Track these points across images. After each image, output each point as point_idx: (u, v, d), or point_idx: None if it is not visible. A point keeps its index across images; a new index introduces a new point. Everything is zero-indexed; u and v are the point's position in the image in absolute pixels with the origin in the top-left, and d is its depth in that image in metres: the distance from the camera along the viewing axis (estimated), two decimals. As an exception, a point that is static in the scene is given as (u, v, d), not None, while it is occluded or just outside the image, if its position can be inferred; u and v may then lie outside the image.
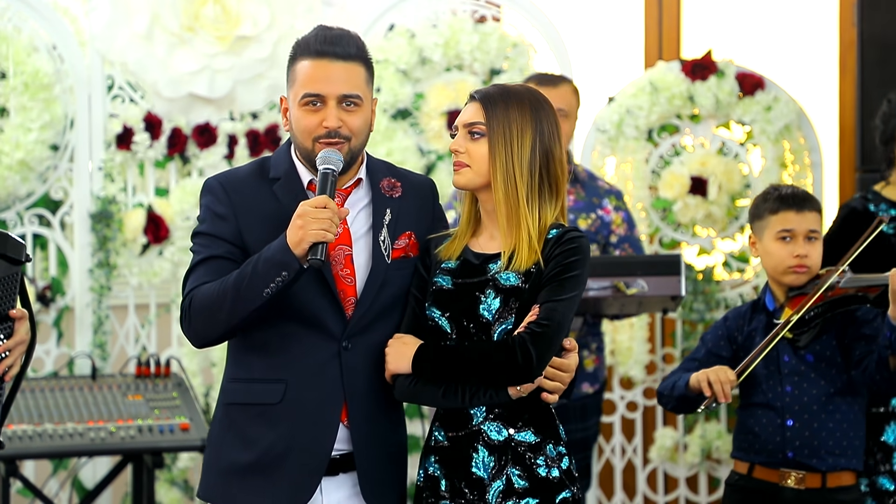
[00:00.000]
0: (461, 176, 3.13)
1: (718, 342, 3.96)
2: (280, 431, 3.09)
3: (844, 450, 3.83)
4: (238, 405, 3.14)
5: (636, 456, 5.84)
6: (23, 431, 4.63)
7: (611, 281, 4.43)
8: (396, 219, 3.19)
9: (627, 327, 5.71)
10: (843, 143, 6.11)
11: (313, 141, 3.10)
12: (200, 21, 5.39)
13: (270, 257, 2.98)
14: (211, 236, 3.11)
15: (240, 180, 3.16)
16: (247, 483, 3.10)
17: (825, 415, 3.83)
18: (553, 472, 3.09)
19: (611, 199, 4.96)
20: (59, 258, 5.53)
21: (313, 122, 3.09)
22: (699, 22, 6.32)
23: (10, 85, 5.31)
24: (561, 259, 3.06)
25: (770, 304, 3.92)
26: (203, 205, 3.17)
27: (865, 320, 3.88)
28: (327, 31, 3.14)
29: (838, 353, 3.86)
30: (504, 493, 3.07)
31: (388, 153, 5.51)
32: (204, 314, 3.05)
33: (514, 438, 3.09)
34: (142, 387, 4.92)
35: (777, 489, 3.83)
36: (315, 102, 3.09)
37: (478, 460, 3.09)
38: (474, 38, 5.60)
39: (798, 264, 3.84)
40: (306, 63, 3.10)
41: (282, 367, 3.10)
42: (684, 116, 5.79)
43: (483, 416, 3.09)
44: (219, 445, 3.16)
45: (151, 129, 5.48)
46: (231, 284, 3.01)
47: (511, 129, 3.08)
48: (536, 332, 3.01)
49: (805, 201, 3.86)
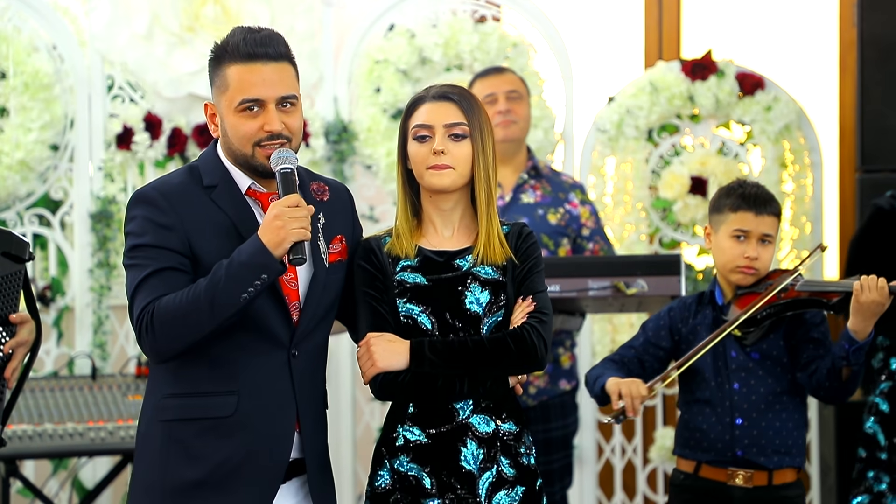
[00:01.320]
0: (445, 177, 3.14)
1: (659, 332, 3.93)
2: (235, 444, 3.02)
3: (789, 448, 3.82)
4: (180, 421, 3.04)
5: (636, 456, 5.85)
6: (23, 431, 4.63)
7: (611, 281, 4.43)
8: (329, 222, 3.17)
9: (627, 327, 5.71)
10: (843, 143, 6.12)
11: (253, 146, 3.04)
12: (200, 21, 5.39)
13: (246, 261, 2.91)
14: (157, 248, 3.00)
15: (177, 189, 3.06)
16: (200, 500, 3.01)
17: (772, 414, 3.82)
18: (531, 460, 3.19)
19: (576, 192, 4.97)
20: (59, 258, 5.54)
21: (253, 127, 3.03)
22: (699, 22, 6.33)
23: (10, 85, 5.31)
24: (530, 252, 3.19)
25: (719, 298, 3.91)
26: (139, 216, 3.03)
27: (813, 323, 3.87)
28: (254, 32, 3.07)
29: (785, 353, 3.85)
30: (494, 483, 3.11)
31: (388, 153, 5.51)
32: (172, 326, 2.94)
33: (501, 429, 3.14)
34: (142, 387, 4.92)
35: (725, 488, 3.82)
36: (253, 107, 3.03)
37: (466, 454, 3.11)
38: (474, 38, 5.60)
39: (747, 265, 3.83)
40: (238, 68, 3.02)
41: (232, 379, 3.03)
42: (684, 116, 5.79)
43: (470, 410, 3.13)
44: (161, 465, 3.04)
45: (151, 129, 5.49)
46: (203, 293, 2.93)
47: (485, 129, 3.17)
48: (543, 321, 3.13)
49: (765, 204, 3.84)
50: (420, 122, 3.16)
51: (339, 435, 5.57)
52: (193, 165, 3.13)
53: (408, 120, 3.20)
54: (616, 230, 5.74)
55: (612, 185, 5.76)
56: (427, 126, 3.15)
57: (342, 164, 5.65)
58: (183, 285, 2.98)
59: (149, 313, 2.96)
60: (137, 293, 3.00)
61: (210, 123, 3.13)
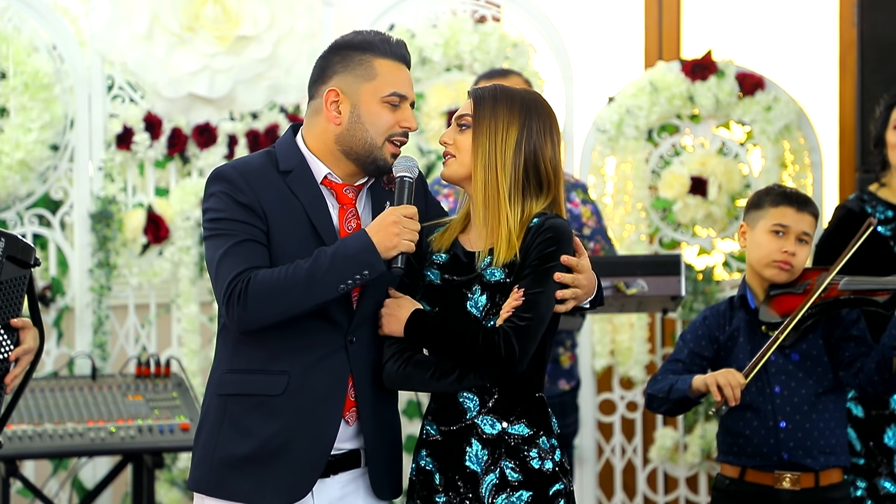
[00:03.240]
0: (447, 167, 3.18)
1: (700, 342, 3.93)
2: (281, 423, 3.07)
3: (834, 448, 3.83)
4: (235, 396, 3.12)
5: (636, 456, 5.85)
6: (23, 431, 4.63)
7: (611, 281, 4.43)
8: None
9: (627, 327, 5.71)
10: (843, 143, 6.11)
11: (386, 139, 3.14)
12: (200, 21, 5.39)
13: (353, 255, 3.00)
14: (239, 222, 3.07)
15: (256, 171, 3.13)
16: (243, 475, 3.08)
17: (815, 414, 3.83)
18: (546, 465, 3.13)
19: (578, 192, 4.97)
20: (59, 258, 5.53)
21: (391, 119, 3.13)
22: (699, 22, 6.33)
23: (10, 85, 5.31)
24: (541, 248, 3.09)
25: (751, 301, 3.91)
26: (219, 192, 3.10)
27: (851, 320, 3.87)
28: (390, 36, 3.19)
29: (824, 353, 3.85)
30: (497, 486, 3.10)
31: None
32: (265, 300, 3.00)
33: (508, 432, 3.11)
34: (142, 387, 4.92)
35: (772, 491, 3.82)
36: (397, 103, 3.14)
37: (471, 454, 3.11)
38: (474, 38, 5.60)
39: (784, 260, 3.83)
40: (388, 63, 3.15)
41: (285, 359, 3.09)
42: (684, 116, 5.79)
43: (477, 410, 3.12)
44: (214, 437, 3.13)
45: (151, 129, 5.49)
46: (304, 275, 2.99)
47: (496, 123, 3.13)
48: (519, 325, 3.04)
49: (806, 203, 3.88)
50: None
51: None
52: (271, 150, 3.19)
53: None
54: (616, 230, 5.74)
55: (612, 185, 5.76)
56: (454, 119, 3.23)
57: (342, 164, 5.64)
58: (264, 259, 3.05)
59: (243, 282, 3.02)
60: (224, 261, 3.05)
61: (327, 110, 3.15)
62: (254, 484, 3.08)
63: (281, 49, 5.47)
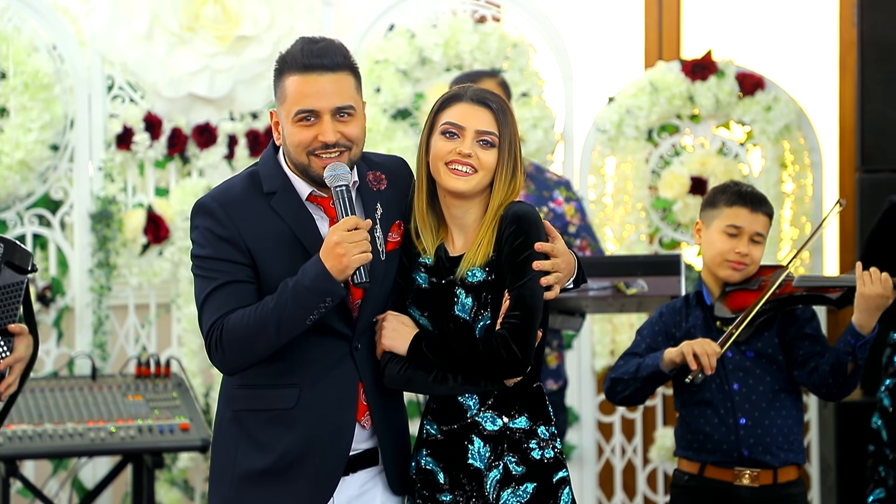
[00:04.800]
0: (467, 182, 3.12)
1: (656, 338, 3.93)
2: (297, 435, 3.09)
3: (791, 444, 3.84)
4: (248, 411, 3.13)
5: (636, 456, 5.85)
6: (23, 431, 4.63)
7: (611, 281, 4.43)
8: (387, 211, 3.20)
9: (627, 327, 5.71)
10: (843, 143, 6.11)
11: (308, 154, 3.08)
12: (200, 21, 5.39)
13: (311, 287, 2.98)
14: (220, 260, 3.07)
15: (237, 199, 3.12)
16: (264, 489, 3.10)
17: (773, 411, 3.84)
18: (547, 454, 3.14)
19: (560, 189, 4.97)
20: (59, 258, 5.53)
21: (308, 136, 3.08)
22: (699, 22, 6.33)
23: (10, 85, 5.31)
24: (511, 241, 3.09)
25: (707, 298, 3.91)
26: (200, 227, 3.11)
27: (805, 319, 3.88)
28: (312, 43, 3.12)
29: (780, 351, 3.86)
30: (501, 481, 3.10)
31: (388, 153, 5.50)
32: (240, 345, 3.02)
33: (509, 427, 3.12)
34: (142, 387, 4.92)
35: (731, 488, 3.83)
36: (309, 118, 3.07)
37: (473, 451, 3.12)
38: (474, 38, 5.60)
39: (737, 261, 3.84)
40: (294, 78, 3.09)
41: (294, 372, 3.10)
42: (684, 116, 5.79)
43: (477, 408, 3.13)
44: (232, 453, 3.13)
45: (151, 129, 5.49)
46: (270, 315, 3.00)
47: (514, 139, 3.15)
48: (512, 325, 3.05)
49: (761, 203, 3.87)
50: (452, 120, 3.13)
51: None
52: (254, 171, 3.17)
53: (439, 114, 3.16)
54: (616, 230, 5.74)
55: (612, 185, 5.77)
56: (458, 126, 3.13)
57: (342, 164, 5.65)
58: (249, 296, 3.06)
59: (218, 329, 3.04)
60: (205, 307, 3.08)
61: (274, 131, 3.18)
62: (275, 495, 3.09)
63: (281, 49, 5.42)
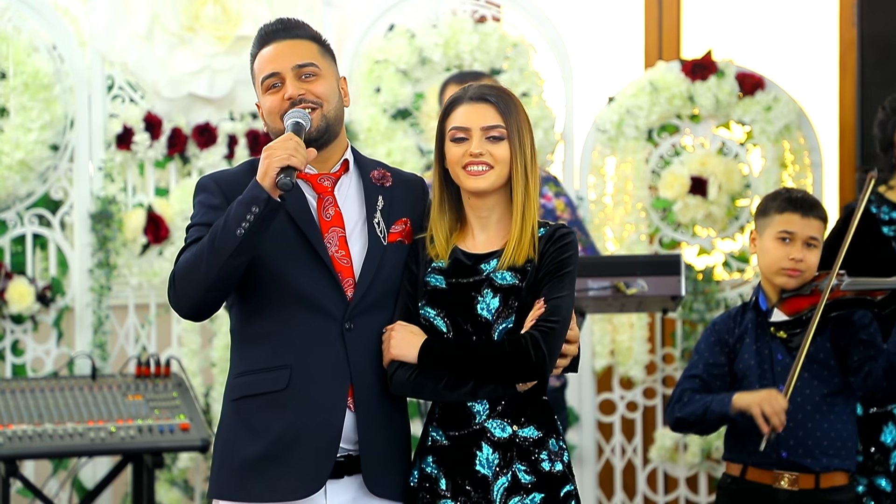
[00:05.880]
0: (485, 179, 3.11)
1: (713, 349, 3.93)
2: (290, 417, 3.08)
3: (838, 450, 3.82)
4: (246, 398, 3.13)
5: (636, 456, 5.85)
6: (23, 431, 4.63)
7: (611, 281, 4.43)
8: (390, 205, 3.20)
9: (627, 327, 5.71)
10: (843, 143, 6.12)
11: (281, 118, 3.10)
12: (200, 21, 5.39)
13: (241, 199, 2.98)
14: (202, 225, 3.09)
15: (234, 178, 3.16)
16: (261, 474, 3.09)
17: (819, 415, 3.83)
18: (557, 466, 3.12)
19: (550, 185, 4.97)
20: (59, 258, 5.53)
21: (276, 100, 3.11)
22: (699, 22, 6.33)
23: (10, 85, 5.31)
24: (556, 255, 3.10)
25: (763, 303, 3.91)
26: (197, 202, 3.16)
27: (861, 325, 3.87)
28: (275, 21, 3.19)
29: (832, 356, 3.85)
30: (509, 489, 3.08)
31: (388, 153, 5.51)
32: (185, 276, 3.02)
33: (519, 435, 3.10)
34: (142, 387, 4.92)
35: (771, 490, 3.82)
36: (275, 84, 3.11)
37: (482, 458, 3.10)
38: (474, 38, 5.60)
39: (792, 268, 3.84)
40: (260, 55, 3.15)
41: (284, 353, 3.10)
42: (684, 116, 5.79)
43: (486, 414, 3.11)
44: (231, 442, 3.14)
45: (151, 129, 5.49)
46: (207, 237, 3.01)
47: (523, 130, 3.14)
48: (547, 329, 3.05)
49: (812, 208, 3.87)
50: (457, 123, 3.13)
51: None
52: (255, 159, 3.18)
53: (445, 121, 3.16)
54: (616, 230, 5.74)
55: (612, 185, 5.77)
56: (464, 128, 3.12)
57: (342, 164, 5.65)
58: None
59: (173, 270, 3.07)
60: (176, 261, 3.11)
61: (263, 120, 3.20)
62: (271, 480, 3.08)
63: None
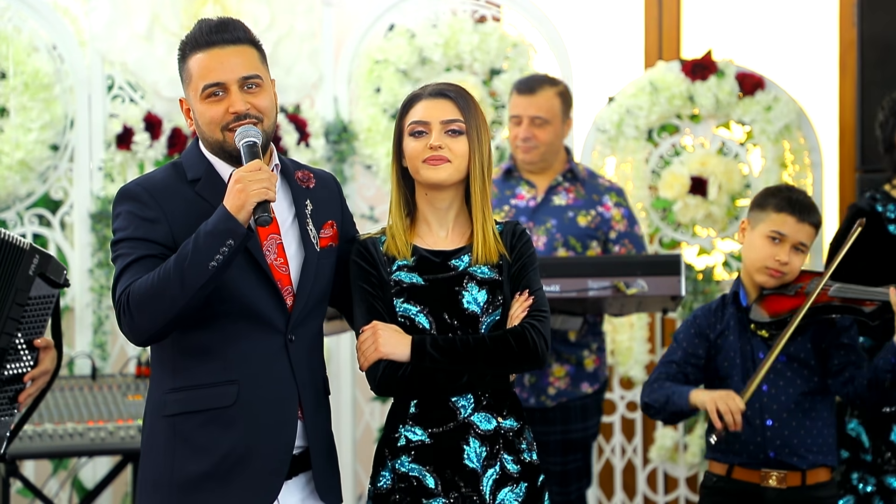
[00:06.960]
0: (442, 171, 3.15)
1: (693, 340, 3.93)
2: (238, 434, 3.01)
3: (821, 447, 3.84)
4: (184, 414, 3.03)
5: (636, 456, 5.85)
6: (23, 431, 4.62)
7: (611, 281, 4.43)
8: (317, 208, 3.17)
9: (627, 327, 5.71)
10: (843, 143, 6.11)
11: (222, 130, 3.05)
12: (200, 21, 5.39)
13: (211, 230, 2.89)
14: (140, 240, 3.00)
15: (161, 185, 3.07)
16: (206, 492, 3.00)
17: (802, 413, 3.84)
18: (533, 456, 3.20)
19: (611, 195, 4.97)
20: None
21: (219, 111, 3.04)
22: (699, 22, 6.32)
23: (10, 85, 5.31)
24: (524, 250, 3.21)
25: (743, 299, 3.91)
26: (123, 212, 3.04)
27: (843, 327, 3.87)
28: (210, 21, 3.09)
29: (812, 356, 3.86)
30: (497, 481, 3.13)
31: (388, 153, 5.50)
32: (147, 305, 2.92)
33: (503, 426, 3.16)
34: (142, 387, 4.93)
35: (759, 489, 3.83)
36: (217, 92, 3.04)
37: (469, 452, 3.13)
38: (474, 38, 5.60)
39: (776, 269, 3.84)
40: (198, 56, 3.05)
41: (230, 368, 3.02)
42: (684, 116, 5.79)
43: (472, 408, 3.14)
44: (168, 460, 3.03)
45: (151, 129, 5.49)
46: (173, 267, 2.89)
47: (480, 126, 3.19)
48: (543, 319, 3.15)
49: (809, 213, 3.85)
50: (417, 118, 3.17)
51: (340, 435, 5.56)
52: (177, 162, 3.14)
53: (404, 117, 3.21)
54: (616, 230, 5.74)
55: (612, 185, 5.76)
56: (424, 122, 3.16)
57: (342, 164, 5.65)
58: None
59: (125, 295, 2.95)
60: (119, 281, 3.00)
61: (186, 119, 3.14)
62: (219, 499, 3.01)
63: (281, 49, 5.47)
